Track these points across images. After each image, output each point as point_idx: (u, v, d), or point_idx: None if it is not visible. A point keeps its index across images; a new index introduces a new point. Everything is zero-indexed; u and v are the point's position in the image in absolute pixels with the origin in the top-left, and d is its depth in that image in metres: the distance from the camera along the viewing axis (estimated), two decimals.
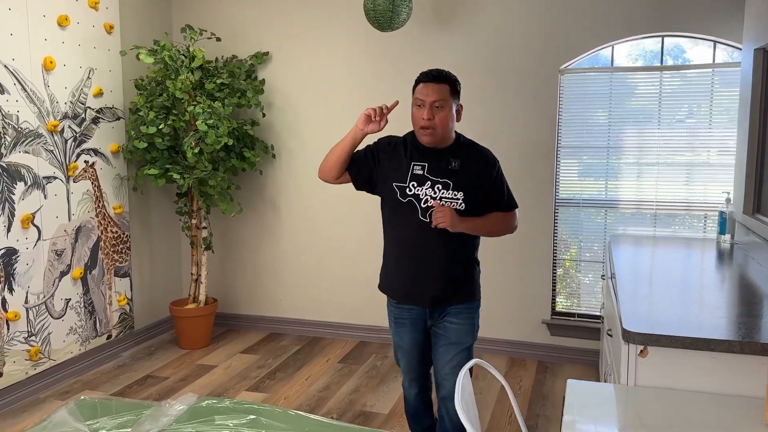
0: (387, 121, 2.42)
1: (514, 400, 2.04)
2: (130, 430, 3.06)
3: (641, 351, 1.89)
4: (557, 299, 4.19)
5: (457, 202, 2.36)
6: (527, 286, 4.13)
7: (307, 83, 4.38)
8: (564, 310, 4.18)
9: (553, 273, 4.12)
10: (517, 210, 2.52)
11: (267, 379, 3.82)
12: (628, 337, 1.88)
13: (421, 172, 2.38)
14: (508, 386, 2.06)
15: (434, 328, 2.51)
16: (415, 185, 2.37)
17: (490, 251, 4.14)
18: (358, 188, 2.53)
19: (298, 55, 4.38)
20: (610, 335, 2.45)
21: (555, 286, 4.16)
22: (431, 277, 2.41)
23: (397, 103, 2.46)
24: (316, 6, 4.31)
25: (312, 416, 3.22)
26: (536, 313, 4.14)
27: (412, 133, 2.45)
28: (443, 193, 2.35)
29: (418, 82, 2.38)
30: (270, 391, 3.65)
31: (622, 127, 3.94)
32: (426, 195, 2.36)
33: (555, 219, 4.09)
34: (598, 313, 4.07)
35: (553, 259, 4.11)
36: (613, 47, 3.92)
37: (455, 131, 2.44)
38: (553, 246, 4.10)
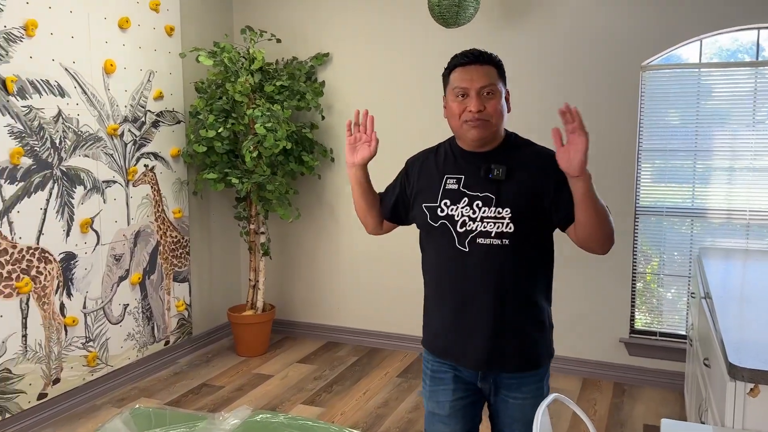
0: (377, 140, 1.88)
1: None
2: None
3: (751, 390, 1.61)
4: (636, 316, 3.85)
5: (501, 223, 1.74)
6: (603, 301, 3.82)
7: (367, 84, 4.21)
8: (644, 328, 3.84)
9: (632, 288, 3.80)
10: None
11: (323, 392, 3.66)
12: (736, 373, 1.60)
13: (455, 186, 1.80)
14: (589, 422, 1.80)
15: (488, 395, 1.88)
16: (448, 204, 1.80)
17: (560, 262, 3.86)
18: (391, 221, 2.02)
19: (359, 56, 4.22)
20: (707, 365, 2.15)
21: (634, 302, 3.82)
22: (476, 329, 1.78)
23: (365, 112, 1.89)
24: (377, 4, 4.14)
25: None
26: (613, 330, 3.82)
27: (450, 140, 1.92)
28: (484, 211, 1.76)
29: (452, 67, 1.82)
30: (326, 405, 3.49)
31: (711, 129, 3.59)
32: (462, 216, 1.77)
33: (635, 229, 3.76)
34: (682, 333, 3.72)
35: (633, 273, 3.78)
36: (701, 41, 3.58)
37: (505, 128, 1.88)
38: (633, 258, 3.77)
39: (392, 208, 1.98)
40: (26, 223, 3.12)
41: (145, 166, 3.85)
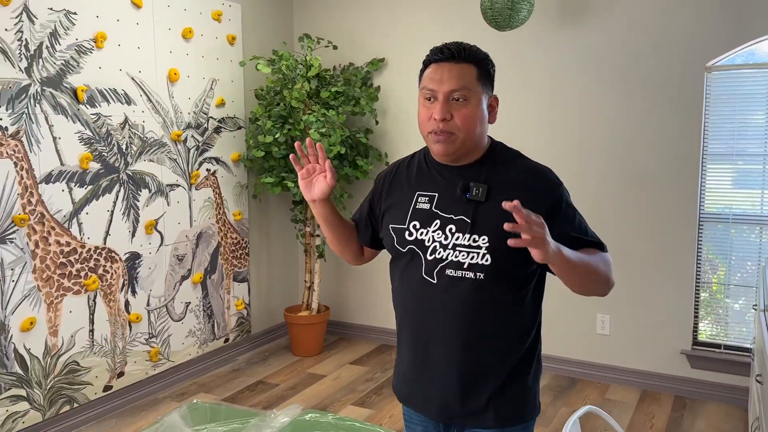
0: (333, 170, 1.58)
1: None
2: None
3: None
4: (700, 327, 3.69)
5: (476, 254, 1.43)
6: (664, 311, 3.68)
7: None
8: (708, 340, 3.67)
9: (696, 297, 3.64)
10: (603, 249, 1.51)
11: (374, 394, 3.70)
12: None
13: (427, 205, 1.51)
14: None
15: None
16: (418, 226, 1.52)
17: (618, 270, 3.75)
18: (372, 247, 1.74)
19: (414, 61, 4.24)
20: (760, 382, 2.05)
21: (697, 313, 3.66)
22: (439, 375, 1.51)
23: (309, 142, 1.59)
24: (432, 9, 4.15)
25: None
26: (674, 342, 3.67)
27: (425, 149, 1.62)
28: (457, 238, 1.45)
29: (426, 63, 1.51)
30: (375, 407, 3.52)
31: None
32: (433, 241, 1.48)
33: (699, 236, 3.60)
34: (748, 346, 3.53)
35: (696, 282, 3.63)
36: None
37: (488, 137, 1.55)
38: (696, 267, 3.61)
39: (369, 234, 1.70)
40: (94, 225, 3.32)
41: (207, 170, 4.01)
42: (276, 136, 3.94)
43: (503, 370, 1.50)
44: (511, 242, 1.23)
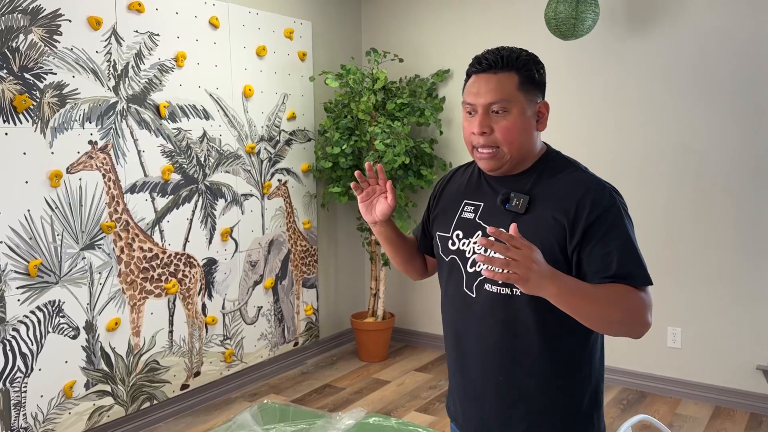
0: (393, 190, 1.51)
1: None
2: None
3: None
4: None
5: None
6: (739, 324, 3.55)
7: None
8: None
9: None
10: (648, 292, 1.32)
11: (437, 401, 3.75)
12: None
13: (472, 215, 1.46)
14: None
15: None
16: (461, 236, 1.47)
17: (692, 280, 3.65)
18: (430, 255, 1.69)
19: None
20: None
21: None
22: (477, 393, 1.45)
23: (369, 165, 1.55)
24: (496, 20, 4.18)
25: None
26: (750, 356, 3.53)
27: None
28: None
29: (468, 74, 1.46)
30: (438, 414, 3.57)
31: None
32: (474, 253, 1.42)
33: None
34: None
35: None
36: None
37: (545, 144, 1.49)
38: None
39: (428, 241, 1.64)
40: (174, 232, 3.54)
41: (278, 180, 4.19)
42: (343, 148, 4.07)
43: (547, 395, 1.39)
44: (485, 272, 1.14)
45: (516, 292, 1.37)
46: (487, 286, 1.41)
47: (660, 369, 3.80)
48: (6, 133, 2.81)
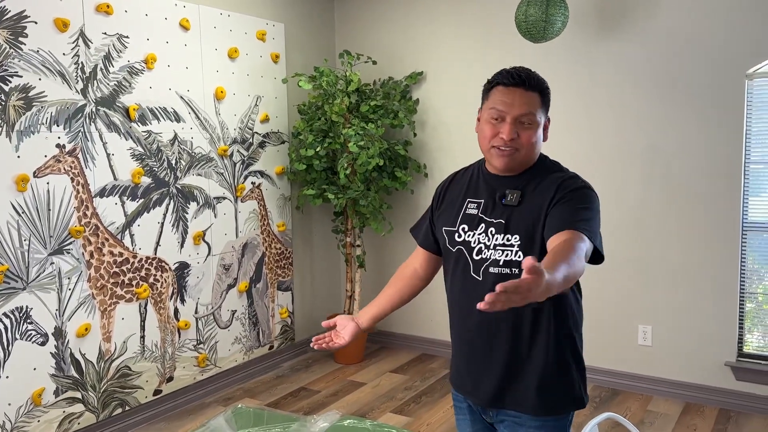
0: (344, 333, 1.85)
1: None
2: None
3: None
4: (746, 339, 3.61)
5: (510, 251, 1.62)
6: (708, 322, 3.61)
7: (460, 101, 4.28)
8: (755, 352, 3.59)
9: (741, 308, 3.56)
10: (590, 243, 1.51)
11: (412, 402, 3.76)
12: None
13: (475, 211, 1.71)
14: None
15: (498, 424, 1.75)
16: (466, 229, 1.71)
17: (660, 281, 3.71)
18: (438, 254, 1.90)
19: (452, 73, 4.30)
20: None
21: (742, 324, 3.58)
22: (486, 366, 1.67)
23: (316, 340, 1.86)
24: (469, 23, 4.21)
25: None
26: (718, 353, 3.60)
27: (481, 161, 1.82)
28: (497, 239, 1.64)
29: (494, 84, 1.69)
30: (414, 415, 3.58)
31: None
32: (479, 243, 1.67)
33: (742, 245, 3.53)
34: None
35: (741, 293, 3.55)
36: None
37: (545, 157, 1.76)
38: (741, 277, 3.54)
39: (432, 240, 1.87)
40: (145, 236, 3.50)
41: (252, 183, 4.16)
42: (317, 150, 4.06)
43: (542, 360, 1.62)
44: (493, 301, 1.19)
45: (515, 271, 1.60)
46: (492, 269, 1.63)
47: (631, 366, 3.85)
48: None
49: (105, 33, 3.25)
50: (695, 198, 3.60)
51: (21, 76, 2.91)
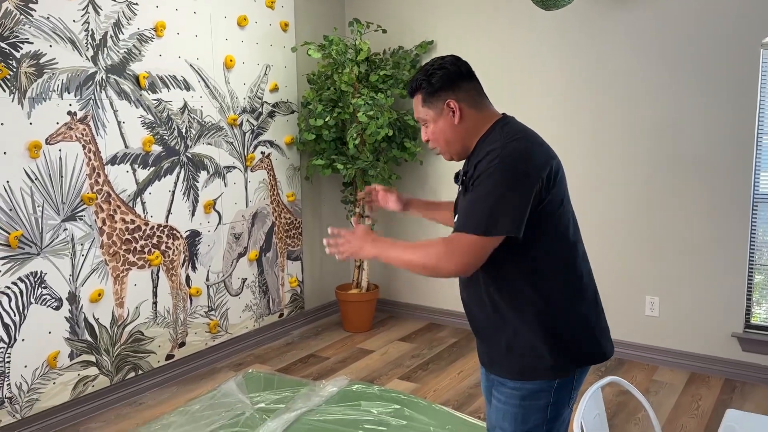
0: (380, 195, 2.08)
1: (657, 421, 1.78)
2: (284, 406, 3.24)
3: None
4: (753, 310, 3.61)
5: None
6: (715, 293, 3.62)
7: None
8: (762, 323, 3.59)
9: (749, 280, 3.56)
10: (466, 237, 1.53)
11: (419, 369, 3.81)
12: None
13: (456, 194, 1.84)
14: (650, 407, 1.79)
15: None
16: (455, 210, 1.83)
17: (669, 253, 3.71)
18: None
19: (463, 43, 4.27)
20: None
21: (750, 295, 3.59)
22: (475, 327, 1.78)
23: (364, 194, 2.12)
24: None
25: (457, 413, 3.15)
26: (725, 324, 3.61)
27: None
28: (455, 219, 1.73)
29: None
30: (420, 381, 3.63)
31: None
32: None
33: (753, 217, 3.52)
34: None
35: (750, 264, 3.55)
36: None
37: (499, 119, 1.70)
38: (750, 249, 3.53)
39: None
40: (157, 204, 3.54)
41: (261, 153, 4.18)
42: (326, 120, 4.06)
43: (496, 328, 1.67)
44: (328, 251, 1.75)
45: None
46: None
47: (638, 337, 3.87)
48: None
49: (115, 0, 3.25)
50: (706, 169, 3.57)
51: (32, 43, 2.92)
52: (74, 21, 3.08)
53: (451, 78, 1.68)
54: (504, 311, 1.64)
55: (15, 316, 2.95)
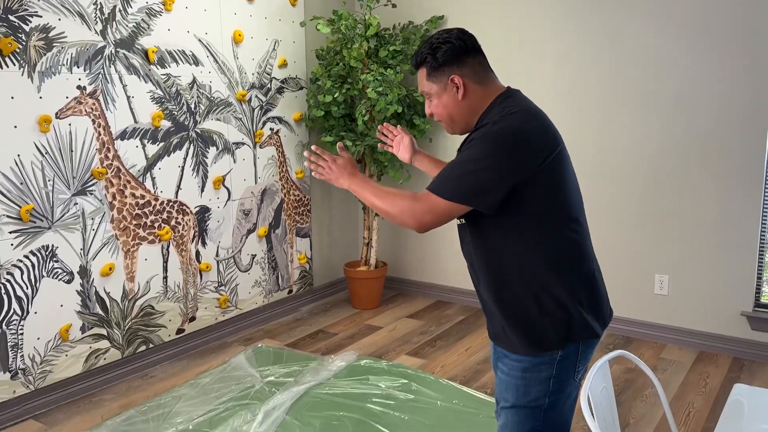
0: (402, 132, 2.11)
1: (664, 396, 1.78)
2: (293, 380, 3.28)
3: None
4: (763, 289, 3.59)
5: None
6: (726, 272, 3.60)
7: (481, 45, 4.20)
8: None
9: (760, 259, 3.54)
10: (433, 197, 1.57)
11: (427, 345, 3.83)
12: None
13: None
14: (658, 382, 1.79)
15: None
16: None
17: (677, 231, 3.69)
18: None
19: (473, 17, 4.22)
20: None
21: (761, 274, 3.57)
22: (481, 302, 1.78)
23: (382, 128, 2.16)
24: None
25: (464, 388, 3.17)
26: (735, 303, 3.60)
27: None
28: None
29: None
30: (428, 357, 3.65)
31: None
32: None
33: (765, 196, 3.49)
34: None
35: (761, 243, 3.52)
36: None
37: (503, 92, 1.69)
38: (761, 227, 3.51)
39: None
40: (166, 179, 3.55)
41: (270, 129, 4.17)
42: (335, 96, 4.04)
43: (497, 301, 1.67)
44: (314, 174, 1.82)
45: (462, 221, 1.69)
46: (456, 221, 1.70)
47: (646, 315, 3.87)
48: None
49: None
50: (719, 146, 3.54)
51: (41, 16, 2.92)
52: None
53: (457, 53, 1.66)
54: (503, 285, 1.65)
55: (27, 289, 2.98)
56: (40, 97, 2.95)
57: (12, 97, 2.85)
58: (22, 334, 2.98)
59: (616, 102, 3.80)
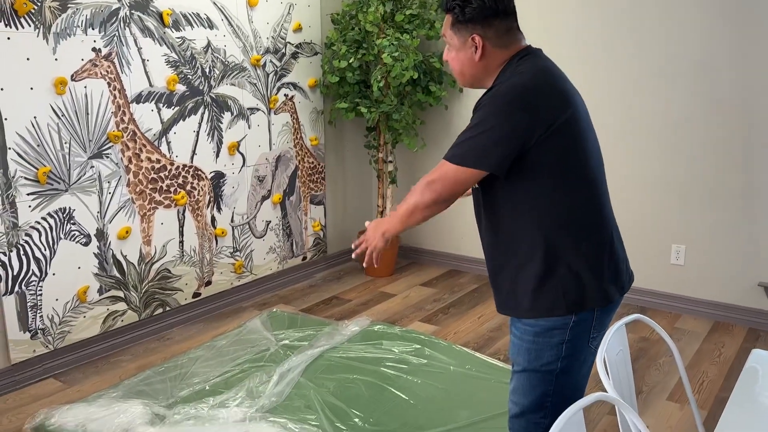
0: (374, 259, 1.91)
1: (681, 361, 1.77)
2: (308, 343, 3.31)
3: None
4: None
5: None
6: (743, 242, 3.56)
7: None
8: None
9: None
10: (445, 165, 1.58)
11: (440, 313, 3.84)
12: None
13: None
14: (674, 346, 1.78)
15: None
16: None
17: (695, 200, 3.64)
18: None
19: None
20: None
21: None
22: (490, 267, 1.76)
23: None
24: None
25: (477, 354, 3.19)
26: (752, 274, 3.56)
27: None
28: None
29: None
30: (441, 324, 3.67)
31: None
32: None
33: None
34: None
35: None
36: None
37: (520, 50, 1.66)
38: None
39: None
40: (182, 144, 3.55)
41: (285, 95, 4.15)
42: (350, 61, 4.00)
43: (501, 265, 1.68)
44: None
45: (475, 186, 1.66)
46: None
47: (662, 285, 3.85)
48: (8, 38, 2.78)
49: None
50: (740, 116, 3.47)
51: None
52: None
53: (485, 14, 1.61)
54: (512, 248, 1.63)
55: (45, 250, 3.02)
56: (56, 59, 2.95)
57: (28, 59, 2.85)
58: (41, 294, 3.02)
59: (639, 68, 3.73)
